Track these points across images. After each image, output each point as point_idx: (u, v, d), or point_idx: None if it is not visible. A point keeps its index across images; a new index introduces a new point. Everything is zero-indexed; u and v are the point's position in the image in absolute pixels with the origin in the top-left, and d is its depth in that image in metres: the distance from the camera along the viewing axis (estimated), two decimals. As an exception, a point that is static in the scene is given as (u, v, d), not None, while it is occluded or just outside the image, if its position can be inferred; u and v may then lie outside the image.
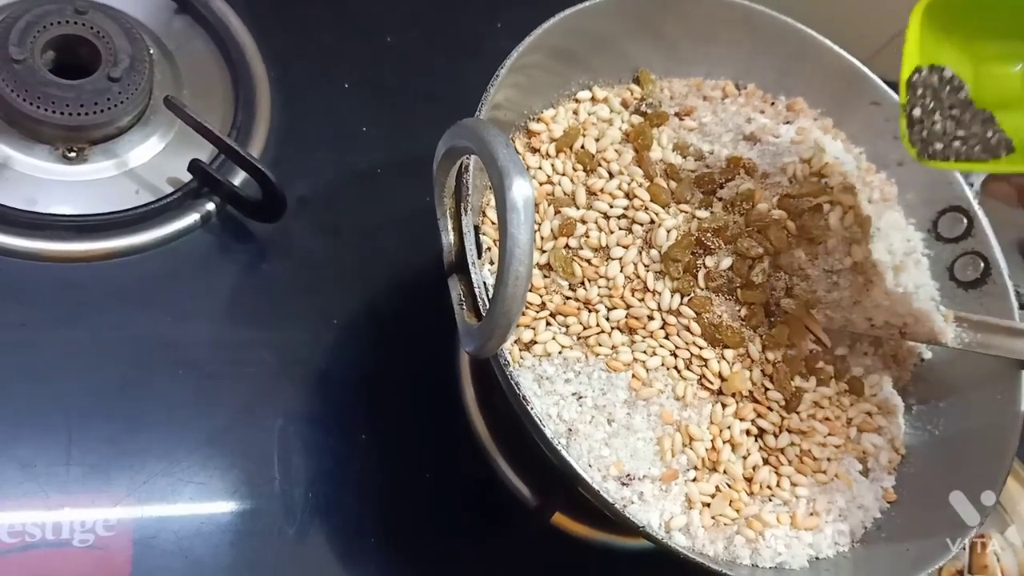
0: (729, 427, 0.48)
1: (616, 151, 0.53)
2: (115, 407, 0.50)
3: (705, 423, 0.48)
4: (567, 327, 0.48)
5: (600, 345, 0.48)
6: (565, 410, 0.46)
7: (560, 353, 0.48)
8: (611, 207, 0.51)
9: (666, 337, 0.49)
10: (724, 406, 0.49)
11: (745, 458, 0.48)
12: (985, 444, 0.52)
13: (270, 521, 0.51)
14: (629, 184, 0.52)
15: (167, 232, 0.55)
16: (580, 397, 0.47)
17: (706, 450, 0.48)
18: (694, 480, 0.47)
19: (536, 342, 0.48)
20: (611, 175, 0.53)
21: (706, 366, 0.49)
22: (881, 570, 0.47)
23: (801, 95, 0.60)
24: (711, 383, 0.49)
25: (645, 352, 0.48)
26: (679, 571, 0.57)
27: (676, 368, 0.48)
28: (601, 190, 0.52)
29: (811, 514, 0.48)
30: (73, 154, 0.55)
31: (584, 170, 0.53)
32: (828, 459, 0.50)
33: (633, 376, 0.47)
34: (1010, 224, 0.67)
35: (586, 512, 0.55)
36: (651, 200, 0.52)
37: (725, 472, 0.48)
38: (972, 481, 0.50)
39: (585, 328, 0.48)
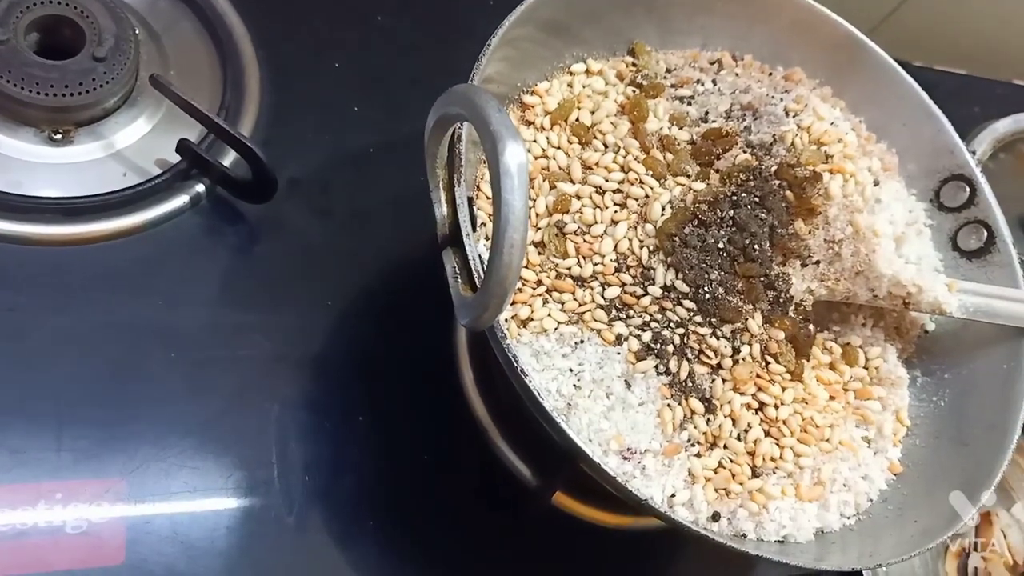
0: (729, 402, 0.48)
1: (612, 123, 0.52)
2: (106, 392, 0.49)
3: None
4: (563, 303, 0.48)
5: (595, 320, 0.47)
6: (564, 385, 0.46)
7: (556, 329, 0.47)
8: (606, 181, 0.50)
9: (661, 312, 0.48)
10: (724, 380, 0.48)
11: (747, 431, 0.47)
12: (991, 415, 0.51)
13: (267, 506, 0.50)
14: (624, 157, 0.51)
15: (156, 215, 0.54)
16: (577, 372, 0.46)
17: (707, 423, 0.47)
18: (697, 455, 0.46)
19: (533, 319, 0.47)
20: (606, 147, 0.52)
21: (703, 341, 0.48)
22: (888, 542, 0.46)
23: (799, 65, 0.59)
24: (709, 358, 0.48)
25: (640, 328, 0.47)
26: (682, 548, 0.57)
27: (672, 343, 0.48)
28: (596, 164, 0.51)
29: (816, 484, 0.47)
30: (59, 136, 0.54)
31: (580, 143, 0.52)
32: (831, 426, 0.49)
33: (628, 350, 0.47)
34: (1012, 198, 0.67)
35: (587, 492, 0.55)
36: (646, 172, 0.51)
37: (726, 447, 0.47)
38: (978, 453, 0.50)
39: (580, 304, 0.47)
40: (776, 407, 0.48)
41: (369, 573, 0.51)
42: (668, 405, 0.46)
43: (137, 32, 0.57)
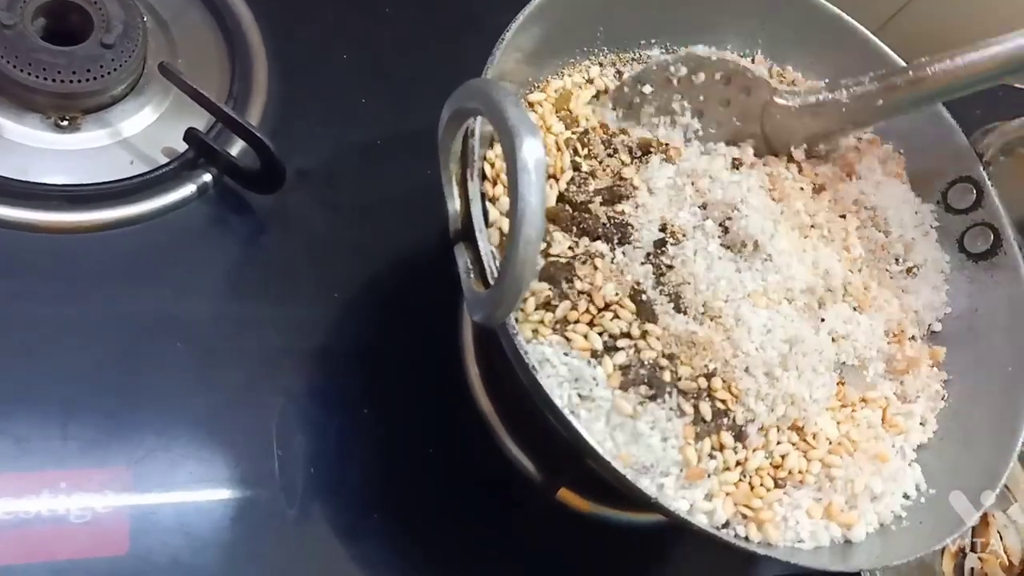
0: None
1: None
2: (111, 381, 0.49)
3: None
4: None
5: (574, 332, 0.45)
6: (566, 393, 0.44)
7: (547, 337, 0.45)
8: None
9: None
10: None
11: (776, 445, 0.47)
12: (996, 417, 0.51)
13: (271, 498, 0.50)
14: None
15: (163, 203, 0.54)
16: (576, 384, 0.44)
17: (735, 451, 0.45)
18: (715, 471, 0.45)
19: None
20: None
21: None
22: (895, 543, 0.47)
23: (809, 65, 0.59)
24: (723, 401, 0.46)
25: (612, 341, 0.45)
26: (686, 544, 0.57)
27: (659, 370, 0.45)
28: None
29: (851, 507, 0.47)
30: (65, 123, 0.53)
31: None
32: (872, 439, 0.49)
33: (605, 374, 0.44)
34: (1012, 200, 0.67)
35: (593, 488, 0.54)
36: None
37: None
38: (983, 455, 0.50)
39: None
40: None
41: (372, 566, 0.51)
42: (690, 443, 0.44)
43: (145, 20, 0.56)
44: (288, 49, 0.62)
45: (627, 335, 0.45)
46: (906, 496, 0.49)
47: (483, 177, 0.45)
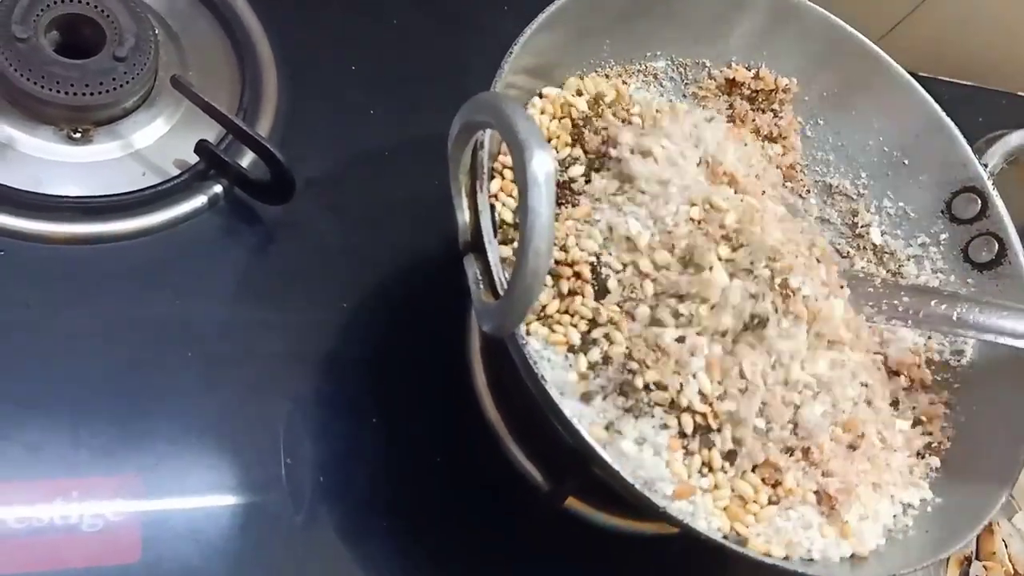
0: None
1: None
2: (123, 389, 0.49)
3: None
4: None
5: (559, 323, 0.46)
6: None
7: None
8: None
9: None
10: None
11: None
12: (1002, 425, 0.52)
13: (281, 504, 0.50)
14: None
15: (175, 215, 0.54)
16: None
17: (723, 471, 0.45)
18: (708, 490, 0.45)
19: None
20: None
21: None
22: (900, 552, 0.47)
23: (812, 76, 0.59)
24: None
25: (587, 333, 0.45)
26: (694, 554, 0.58)
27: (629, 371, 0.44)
28: None
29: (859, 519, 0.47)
30: (78, 135, 0.54)
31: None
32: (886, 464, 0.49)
33: (577, 372, 0.44)
34: (1021, 210, 0.67)
35: (600, 496, 0.55)
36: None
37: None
38: (988, 461, 0.50)
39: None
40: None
41: (379, 572, 0.51)
42: (678, 457, 0.44)
43: (156, 32, 0.57)
44: (297, 60, 0.62)
45: (595, 322, 0.45)
46: (911, 506, 0.49)
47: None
